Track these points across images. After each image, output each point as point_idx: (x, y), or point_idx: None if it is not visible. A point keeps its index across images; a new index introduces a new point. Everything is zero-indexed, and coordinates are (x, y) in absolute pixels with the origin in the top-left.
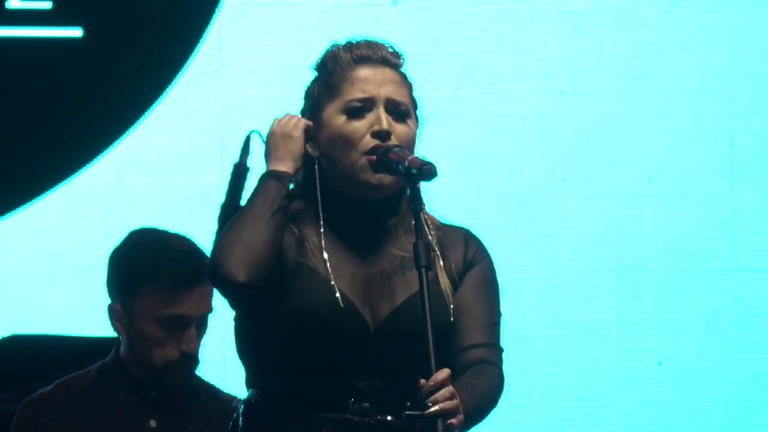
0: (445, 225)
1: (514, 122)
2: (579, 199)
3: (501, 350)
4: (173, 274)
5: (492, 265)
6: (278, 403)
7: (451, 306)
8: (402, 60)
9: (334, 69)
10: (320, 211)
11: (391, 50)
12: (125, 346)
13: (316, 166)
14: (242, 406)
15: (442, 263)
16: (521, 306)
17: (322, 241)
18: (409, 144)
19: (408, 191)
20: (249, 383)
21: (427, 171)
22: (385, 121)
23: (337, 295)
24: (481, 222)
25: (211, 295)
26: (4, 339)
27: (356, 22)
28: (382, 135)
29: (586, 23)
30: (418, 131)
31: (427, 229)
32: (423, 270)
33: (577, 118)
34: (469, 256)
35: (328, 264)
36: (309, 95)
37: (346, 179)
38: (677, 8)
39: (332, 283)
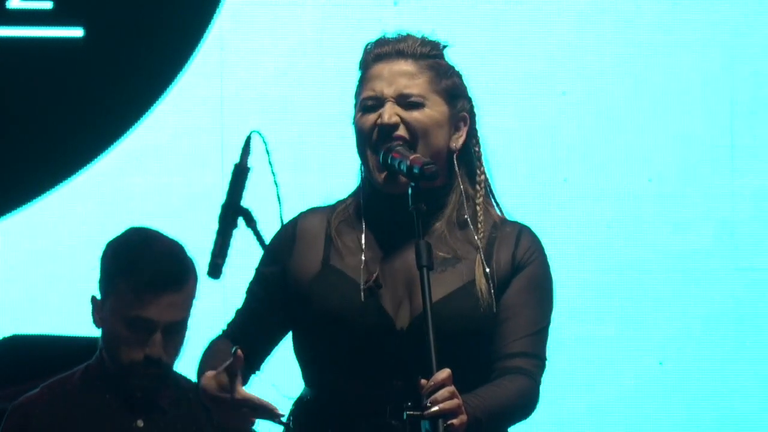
0: (503, 221)
1: (515, 122)
2: (580, 198)
3: (542, 360)
4: (143, 276)
5: (544, 266)
6: (323, 403)
7: (490, 307)
8: (428, 49)
9: (359, 71)
10: (362, 212)
11: (415, 40)
12: (101, 342)
13: (360, 169)
14: (294, 405)
15: (484, 263)
16: None
17: (363, 241)
18: (426, 130)
19: (409, 190)
20: (304, 381)
21: (429, 170)
22: (387, 114)
23: (362, 294)
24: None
25: (181, 304)
26: (4, 339)
27: (357, 22)
28: (383, 129)
29: (586, 23)
30: (466, 114)
31: (471, 226)
32: (424, 270)
33: (579, 118)
34: (519, 256)
35: (362, 264)
36: None
37: (368, 177)
38: (677, 8)
39: (359, 284)
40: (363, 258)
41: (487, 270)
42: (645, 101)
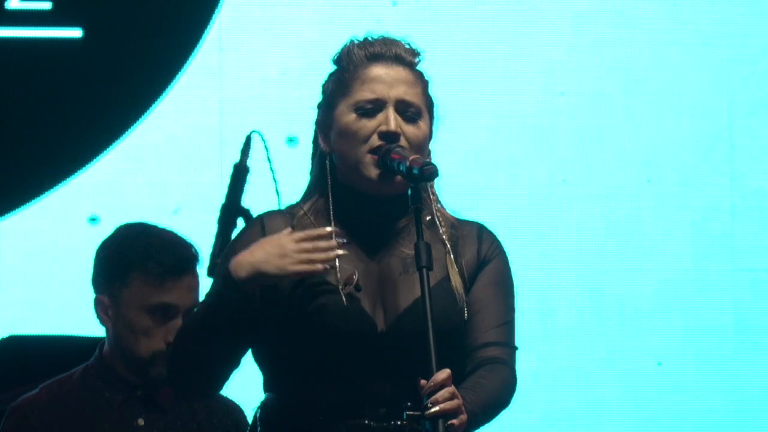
0: (459, 221)
1: (514, 122)
2: (578, 199)
3: (514, 349)
4: (162, 262)
5: (506, 262)
6: (297, 408)
7: (464, 304)
8: (417, 58)
9: (348, 66)
10: (331, 209)
11: (407, 47)
12: (110, 340)
13: (328, 163)
14: (260, 411)
15: (454, 261)
16: (520, 306)
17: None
18: (420, 145)
19: (409, 191)
20: (266, 387)
21: (428, 171)
22: (393, 122)
23: (344, 298)
24: (481, 222)
25: (197, 287)
26: (3, 339)
27: (356, 23)
28: (389, 136)
29: (586, 23)
30: (433, 129)
31: (439, 226)
32: (423, 270)
33: (577, 119)
34: (483, 253)
35: (337, 266)
36: (324, 90)
37: (353, 174)
38: (677, 8)
39: (339, 286)
40: (337, 260)
41: (455, 268)
42: (644, 102)
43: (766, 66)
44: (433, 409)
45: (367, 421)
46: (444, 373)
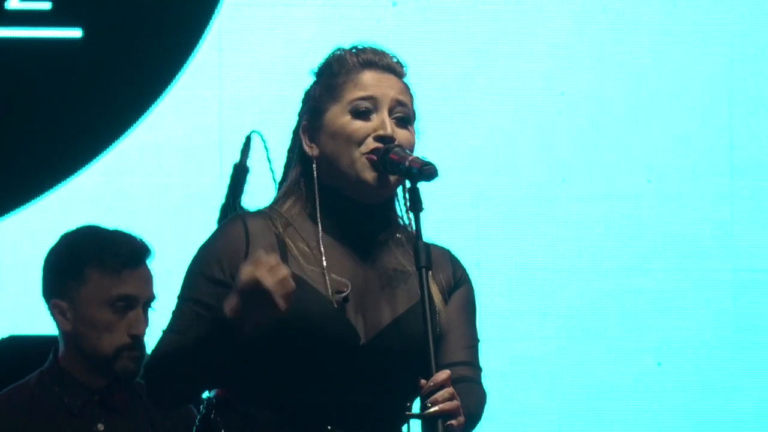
0: (429, 244)
1: (514, 122)
2: (578, 199)
3: (481, 370)
4: (117, 253)
5: (473, 290)
6: (264, 410)
7: (438, 321)
8: (405, 70)
9: (339, 71)
10: (318, 215)
11: (395, 60)
12: (68, 343)
13: (314, 168)
14: (218, 407)
15: (433, 279)
16: (520, 306)
17: (321, 246)
18: (412, 150)
19: (408, 192)
20: (235, 392)
21: (428, 171)
22: (389, 125)
23: (335, 305)
24: (481, 222)
25: (152, 280)
26: (3, 339)
27: (356, 23)
28: (386, 140)
29: (586, 23)
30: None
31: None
32: (423, 270)
33: (577, 119)
34: (457, 276)
35: (326, 272)
36: (309, 96)
37: (345, 177)
38: (677, 8)
39: (330, 294)
40: (325, 265)
41: (435, 286)
42: (644, 102)
43: (766, 66)
44: (432, 409)
45: (332, 429)
46: (444, 374)
